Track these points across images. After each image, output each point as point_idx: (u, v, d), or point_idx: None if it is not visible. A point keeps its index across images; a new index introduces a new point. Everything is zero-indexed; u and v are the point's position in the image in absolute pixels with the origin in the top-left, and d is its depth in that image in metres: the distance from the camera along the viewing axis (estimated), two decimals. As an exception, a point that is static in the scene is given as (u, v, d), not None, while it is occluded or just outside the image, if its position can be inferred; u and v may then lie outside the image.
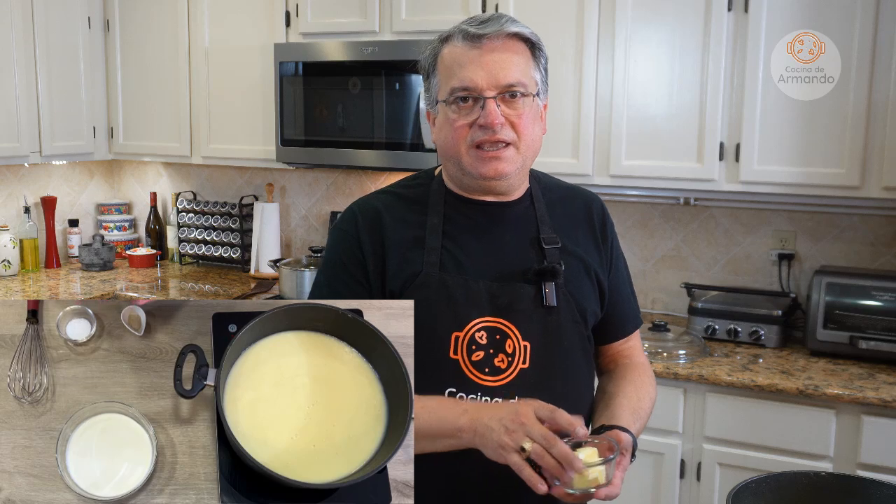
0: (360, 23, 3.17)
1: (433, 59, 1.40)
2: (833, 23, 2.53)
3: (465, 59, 1.34)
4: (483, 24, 1.35)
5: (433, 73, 1.40)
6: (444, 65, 1.37)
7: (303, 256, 3.31)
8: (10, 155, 3.37)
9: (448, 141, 1.39)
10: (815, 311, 2.64)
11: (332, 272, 1.46)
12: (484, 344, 1.38)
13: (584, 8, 2.80)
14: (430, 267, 1.39)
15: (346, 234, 1.46)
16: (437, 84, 1.39)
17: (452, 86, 1.35)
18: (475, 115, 1.35)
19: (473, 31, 1.34)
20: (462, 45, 1.35)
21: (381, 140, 3.11)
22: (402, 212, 1.45)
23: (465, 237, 1.42)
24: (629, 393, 1.46)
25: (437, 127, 1.43)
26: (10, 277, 3.57)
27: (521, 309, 1.39)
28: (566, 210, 1.51)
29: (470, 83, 1.34)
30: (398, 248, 1.42)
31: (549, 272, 1.40)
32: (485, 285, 1.39)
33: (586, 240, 1.50)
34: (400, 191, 1.50)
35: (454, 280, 1.39)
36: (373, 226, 1.44)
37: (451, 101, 1.36)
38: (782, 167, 2.64)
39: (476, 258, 1.41)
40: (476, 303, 1.38)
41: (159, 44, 3.60)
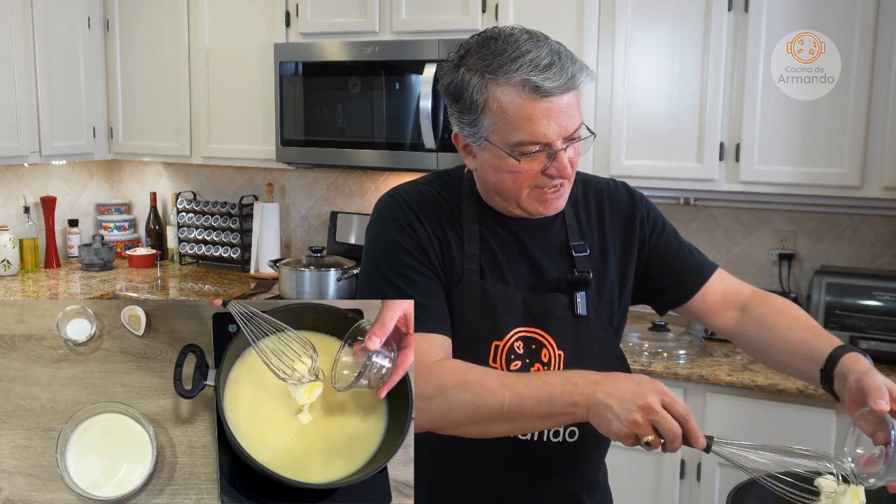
0: (360, 23, 3.16)
1: (481, 95, 1.27)
2: (833, 23, 2.52)
3: (534, 113, 1.25)
4: (547, 71, 1.24)
5: (483, 111, 1.28)
6: (502, 111, 1.26)
7: (303, 256, 3.31)
8: (9, 155, 3.37)
9: (506, 185, 1.33)
10: (815, 311, 2.64)
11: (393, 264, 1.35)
12: (521, 353, 1.37)
13: (584, 8, 2.80)
14: (470, 275, 1.36)
15: (397, 222, 1.37)
16: (489, 125, 1.28)
17: (521, 139, 1.27)
18: (542, 163, 1.29)
19: (542, 86, 1.24)
20: (527, 97, 1.25)
21: (381, 140, 3.10)
22: (438, 210, 1.40)
23: (501, 247, 1.40)
24: (796, 320, 1.43)
25: (484, 162, 1.34)
26: (10, 277, 3.57)
27: (556, 318, 1.39)
28: (588, 207, 1.48)
29: (543, 139, 1.26)
30: (442, 243, 1.38)
31: (581, 282, 1.40)
32: (521, 295, 1.38)
33: (615, 233, 1.48)
34: (430, 189, 1.43)
35: (494, 289, 1.37)
36: (420, 212, 1.38)
37: (517, 153, 1.28)
38: (782, 167, 2.63)
39: (513, 268, 1.40)
40: (514, 312, 1.37)
41: (159, 44, 3.60)
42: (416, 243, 1.36)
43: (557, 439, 1.39)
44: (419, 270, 1.34)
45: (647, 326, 2.79)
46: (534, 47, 1.26)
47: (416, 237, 1.36)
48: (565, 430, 1.39)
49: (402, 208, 1.38)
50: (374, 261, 1.39)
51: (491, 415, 1.20)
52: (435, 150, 2.97)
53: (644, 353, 2.66)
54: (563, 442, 1.39)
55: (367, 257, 1.40)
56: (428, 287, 1.34)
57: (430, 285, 1.34)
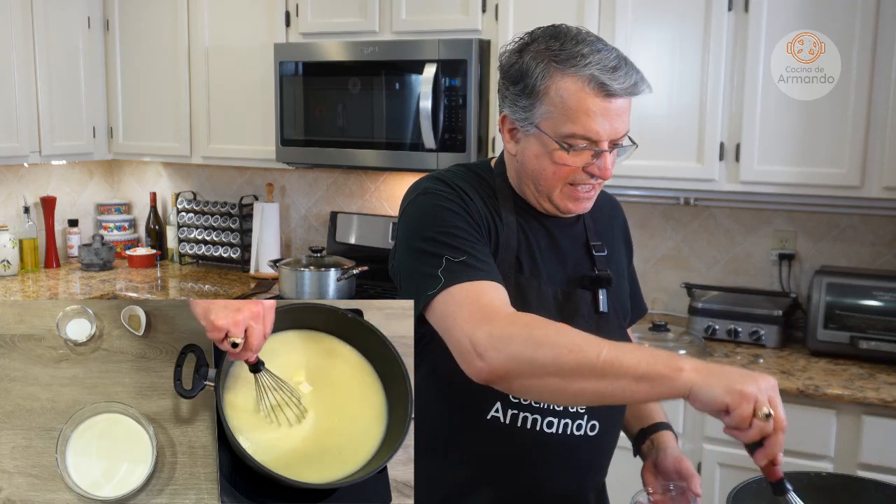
0: (360, 23, 3.17)
1: (545, 82, 1.29)
2: (833, 23, 2.52)
3: (593, 108, 1.28)
4: (614, 72, 1.27)
5: (541, 97, 1.30)
6: (562, 100, 1.28)
7: (303, 256, 3.31)
8: (9, 155, 3.37)
9: (547, 174, 1.34)
10: (815, 311, 2.64)
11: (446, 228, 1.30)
12: None
13: (584, 8, 2.80)
14: (507, 266, 1.36)
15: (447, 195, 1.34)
16: (544, 112, 1.30)
17: (574, 132, 1.29)
18: (585, 160, 1.31)
19: (608, 84, 1.27)
20: (591, 92, 1.27)
21: (381, 140, 3.10)
22: (482, 193, 1.39)
23: (537, 241, 1.41)
24: None
25: (526, 149, 1.35)
26: (10, 277, 3.57)
27: (581, 314, 1.41)
28: (601, 214, 1.52)
29: (595, 136, 1.29)
30: (489, 224, 1.36)
31: (604, 280, 1.44)
32: (552, 290, 1.40)
33: (618, 242, 1.55)
34: (468, 176, 1.42)
35: (528, 282, 1.38)
36: (469, 190, 1.36)
37: (566, 145, 1.30)
38: (782, 167, 2.64)
39: (546, 262, 1.41)
40: (546, 307, 1.38)
41: (159, 44, 3.60)
42: (468, 213, 1.33)
43: (580, 433, 1.39)
44: (473, 234, 1.31)
45: (647, 326, 2.79)
46: (603, 48, 1.31)
47: (468, 209, 1.34)
48: (587, 424, 1.39)
49: (448, 185, 1.37)
50: (420, 230, 1.32)
51: (581, 363, 1.12)
52: (435, 150, 2.97)
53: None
54: (584, 435, 1.40)
55: (411, 229, 1.34)
56: (483, 249, 1.31)
57: (484, 248, 1.32)
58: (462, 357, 1.20)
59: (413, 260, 1.31)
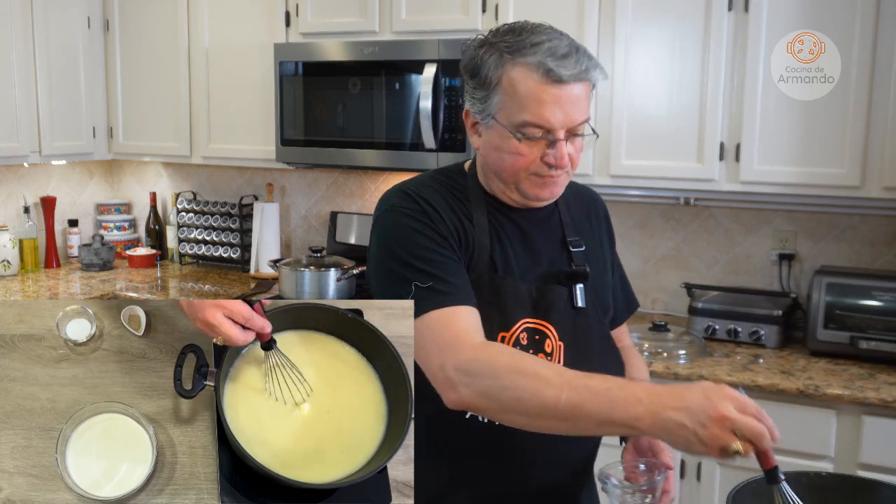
0: (360, 23, 3.17)
1: (497, 72, 1.32)
2: (833, 23, 2.52)
3: (543, 96, 1.29)
4: (564, 60, 1.28)
5: (495, 88, 1.32)
6: (514, 90, 1.30)
7: (303, 256, 3.31)
8: (9, 155, 3.37)
9: (506, 165, 1.35)
10: (815, 311, 2.64)
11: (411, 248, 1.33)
12: (525, 344, 1.39)
13: (584, 8, 2.80)
14: (481, 267, 1.38)
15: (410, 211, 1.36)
16: (498, 103, 1.32)
17: (526, 120, 1.30)
18: (541, 149, 1.32)
19: (556, 71, 1.28)
20: (539, 80, 1.29)
21: (381, 140, 3.10)
22: (449, 199, 1.41)
23: (509, 239, 1.42)
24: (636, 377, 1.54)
25: (487, 141, 1.38)
26: (10, 277, 3.56)
27: (557, 310, 1.41)
28: (579, 209, 1.54)
29: (546, 123, 1.30)
30: (458, 231, 1.38)
31: (580, 274, 1.44)
32: (527, 287, 1.40)
33: (600, 236, 1.56)
34: (436, 182, 1.44)
35: (503, 280, 1.39)
36: (433, 201, 1.38)
37: (519, 134, 1.32)
38: (782, 167, 2.64)
39: (519, 259, 1.42)
40: (521, 304, 1.39)
41: (159, 44, 3.60)
42: (434, 229, 1.35)
43: None
44: (439, 252, 1.34)
45: (647, 326, 2.79)
46: (555, 38, 1.32)
47: (433, 224, 1.36)
48: None
49: (413, 199, 1.38)
50: (388, 249, 1.36)
51: (544, 408, 1.15)
52: (435, 150, 2.97)
53: (644, 353, 2.66)
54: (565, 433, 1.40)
55: (381, 247, 1.38)
56: (450, 266, 1.33)
57: (453, 265, 1.34)
58: (437, 385, 1.27)
59: (383, 277, 1.36)
